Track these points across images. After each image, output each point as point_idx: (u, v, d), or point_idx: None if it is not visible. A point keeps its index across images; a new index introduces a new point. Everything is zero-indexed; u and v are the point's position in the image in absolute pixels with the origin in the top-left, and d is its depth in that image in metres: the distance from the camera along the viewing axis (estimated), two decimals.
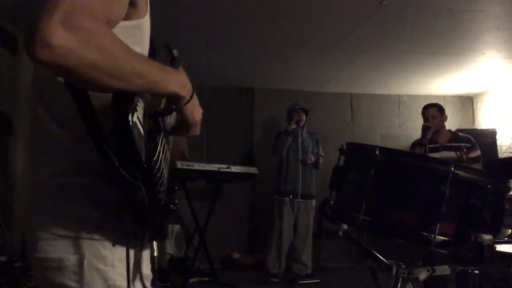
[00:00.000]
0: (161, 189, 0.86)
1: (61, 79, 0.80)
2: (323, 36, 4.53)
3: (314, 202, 5.06)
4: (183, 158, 4.67)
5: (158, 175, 0.83)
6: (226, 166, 4.51)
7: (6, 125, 4.15)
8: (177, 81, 0.85)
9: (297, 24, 4.26)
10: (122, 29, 0.80)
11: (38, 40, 0.63)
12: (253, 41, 4.70)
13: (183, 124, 0.96)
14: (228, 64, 5.47)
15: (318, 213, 5.18)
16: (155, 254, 0.89)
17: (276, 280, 4.81)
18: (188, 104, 0.89)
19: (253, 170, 4.85)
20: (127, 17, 0.84)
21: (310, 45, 4.78)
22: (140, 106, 0.80)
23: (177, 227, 5.31)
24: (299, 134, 4.89)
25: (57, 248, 0.84)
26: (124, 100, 0.75)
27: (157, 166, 0.82)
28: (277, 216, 4.96)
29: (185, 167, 4.23)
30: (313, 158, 5.07)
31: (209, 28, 4.35)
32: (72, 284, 0.84)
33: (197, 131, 0.98)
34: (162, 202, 0.85)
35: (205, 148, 6.07)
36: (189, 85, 0.89)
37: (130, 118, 0.73)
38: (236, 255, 5.71)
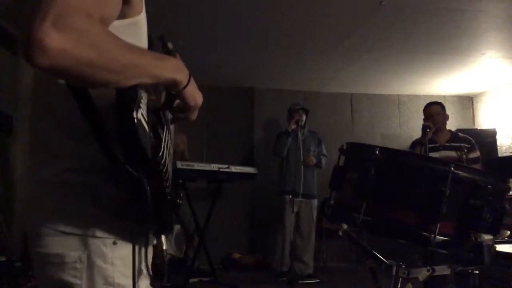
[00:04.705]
0: (167, 184, 0.87)
1: (62, 81, 0.80)
2: (323, 36, 4.53)
3: (316, 201, 5.06)
4: (183, 158, 4.67)
5: (164, 170, 0.84)
6: (226, 166, 4.51)
7: (6, 125, 4.15)
8: (172, 67, 0.86)
9: (297, 24, 4.26)
10: (119, 28, 0.81)
11: (34, 46, 0.64)
12: (253, 41, 4.70)
13: (183, 108, 0.95)
14: (228, 64, 5.47)
15: (319, 213, 5.19)
16: (164, 247, 0.90)
17: (284, 279, 4.77)
18: (188, 88, 0.89)
19: (253, 170, 4.85)
20: (123, 16, 0.85)
21: (310, 45, 4.78)
22: (144, 102, 0.80)
23: (177, 227, 5.31)
24: (299, 134, 4.89)
25: (59, 244, 0.85)
26: (127, 97, 0.76)
27: (162, 162, 0.83)
28: (281, 216, 4.95)
29: (185, 167, 4.23)
30: (314, 160, 5.06)
31: (209, 28, 4.35)
32: (72, 280, 0.85)
33: (195, 115, 0.98)
34: (168, 197, 0.86)
35: (205, 148, 6.07)
36: (185, 69, 0.89)
37: (135, 115, 0.74)
38: (236, 255, 5.71)
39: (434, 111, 3.88)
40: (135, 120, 0.74)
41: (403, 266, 1.78)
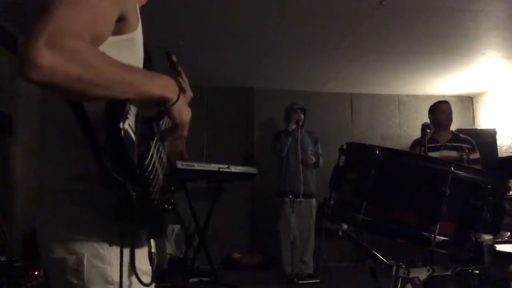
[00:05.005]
0: (154, 190, 0.90)
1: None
2: (323, 36, 4.53)
3: (314, 201, 5.06)
4: (182, 159, 4.66)
5: (151, 177, 0.88)
6: (226, 166, 4.51)
7: (6, 125, 4.15)
8: (161, 85, 0.90)
9: (297, 24, 4.26)
10: (115, 44, 0.88)
11: (27, 62, 0.71)
12: (253, 41, 4.70)
13: (172, 126, 0.99)
14: (228, 64, 5.47)
15: (319, 213, 5.18)
16: (153, 250, 0.98)
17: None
18: (176, 105, 0.93)
19: (253, 170, 4.85)
20: (119, 32, 0.91)
21: (310, 45, 4.78)
22: (132, 114, 0.85)
23: (177, 227, 5.31)
24: (298, 134, 4.89)
25: (61, 249, 0.92)
26: (116, 108, 0.81)
27: (149, 169, 0.87)
28: (281, 216, 4.95)
29: (185, 167, 4.23)
30: (313, 159, 5.06)
31: (209, 28, 4.35)
32: (75, 281, 0.92)
33: (185, 132, 1.01)
34: (155, 202, 0.90)
35: (205, 148, 6.07)
36: (174, 87, 0.93)
37: (121, 126, 0.80)
38: (236, 255, 5.71)
39: (447, 108, 3.94)
40: (122, 130, 0.80)
41: (403, 266, 1.78)
